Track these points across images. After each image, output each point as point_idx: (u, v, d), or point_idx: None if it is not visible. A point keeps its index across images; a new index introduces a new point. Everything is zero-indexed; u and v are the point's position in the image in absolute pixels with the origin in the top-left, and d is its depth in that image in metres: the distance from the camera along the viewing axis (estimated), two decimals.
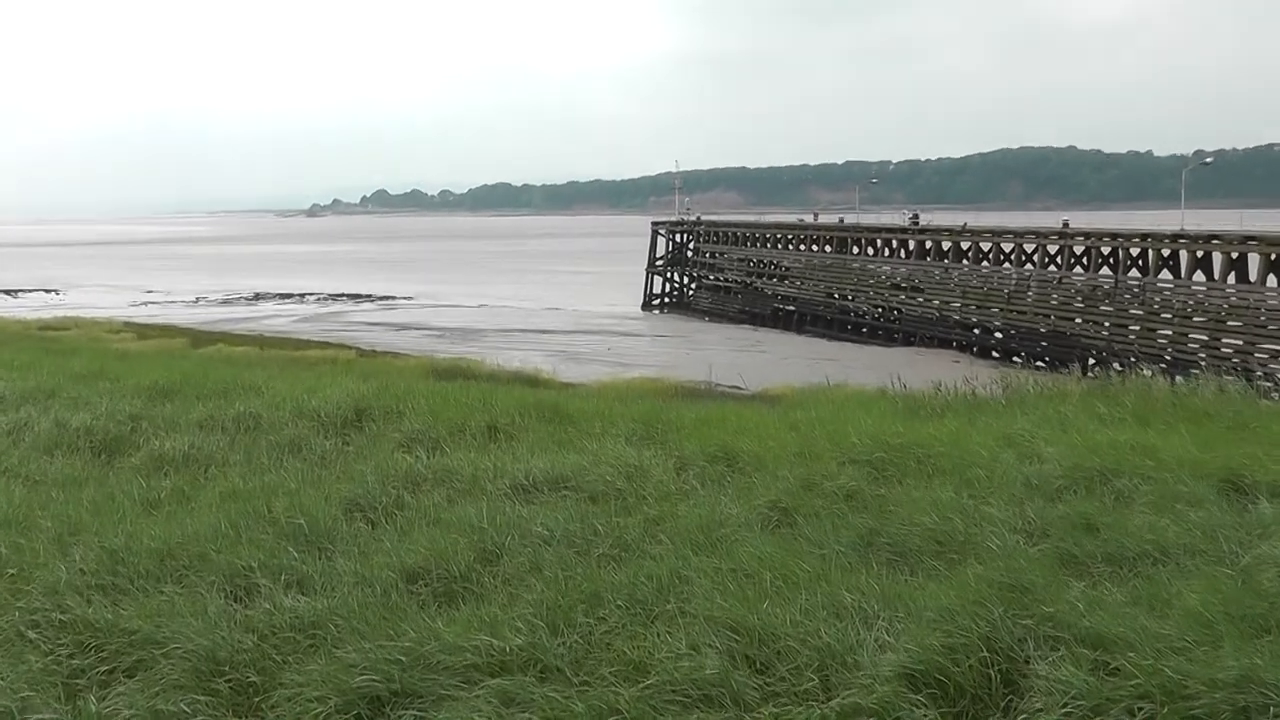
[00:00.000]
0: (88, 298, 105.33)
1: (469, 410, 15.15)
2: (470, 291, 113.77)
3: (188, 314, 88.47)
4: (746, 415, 16.15)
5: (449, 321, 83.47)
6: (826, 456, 12.24)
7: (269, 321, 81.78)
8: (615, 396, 20.43)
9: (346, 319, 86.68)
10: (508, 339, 71.56)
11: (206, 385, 18.13)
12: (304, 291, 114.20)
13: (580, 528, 9.69)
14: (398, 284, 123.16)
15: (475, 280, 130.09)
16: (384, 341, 65.64)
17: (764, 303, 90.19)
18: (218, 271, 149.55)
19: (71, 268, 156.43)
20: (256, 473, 12.22)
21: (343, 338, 65.84)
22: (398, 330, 76.91)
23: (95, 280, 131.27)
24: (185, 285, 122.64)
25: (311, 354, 41.41)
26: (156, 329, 60.81)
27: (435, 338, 71.50)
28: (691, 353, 65.29)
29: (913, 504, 10.21)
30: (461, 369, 35.39)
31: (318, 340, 60.21)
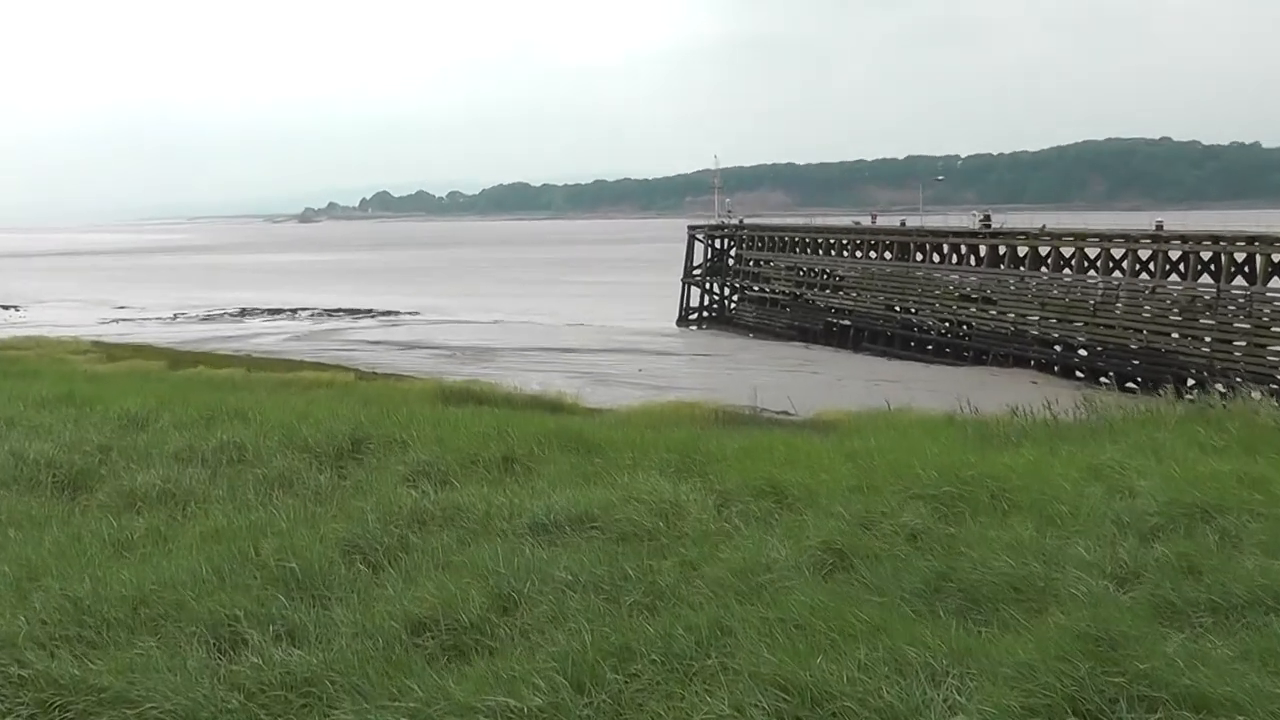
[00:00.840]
0: (51, 314, 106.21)
1: (482, 439, 15.15)
2: (483, 305, 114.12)
3: (164, 332, 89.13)
4: (796, 444, 16.07)
5: (459, 339, 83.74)
6: (887, 491, 12.17)
7: (257, 340, 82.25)
8: (648, 423, 20.40)
9: (344, 337, 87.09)
10: (526, 359, 71.69)
11: (185, 412, 18.19)
12: (296, 306, 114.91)
13: (608, 572, 9.66)
14: (401, 297, 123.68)
15: (488, 293, 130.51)
16: (386, 362, 65.86)
17: (815, 317, 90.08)
18: (199, 284, 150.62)
19: (34, 281, 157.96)
20: (242, 510, 12.24)
21: (340, 358, 66.14)
22: (401, 349, 77.19)
23: (60, 295, 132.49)
24: (162, 300, 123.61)
25: (304, 376, 41.62)
26: (129, 349, 61.28)
27: (444, 358, 71.70)
28: (733, 374, 65.19)
29: (986, 545, 10.13)
30: (473, 393, 35.45)
31: (311, 361, 60.52)
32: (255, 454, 14.78)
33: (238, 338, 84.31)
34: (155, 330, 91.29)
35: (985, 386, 54.70)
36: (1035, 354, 70.13)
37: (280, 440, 15.34)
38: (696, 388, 56.17)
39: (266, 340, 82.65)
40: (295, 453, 14.76)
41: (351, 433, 15.57)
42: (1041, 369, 68.43)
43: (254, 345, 76.73)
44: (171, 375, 38.72)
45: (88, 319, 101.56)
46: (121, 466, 14.34)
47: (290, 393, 27.94)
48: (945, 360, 74.62)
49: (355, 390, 32.57)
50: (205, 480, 13.62)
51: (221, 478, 13.78)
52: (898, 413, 25.50)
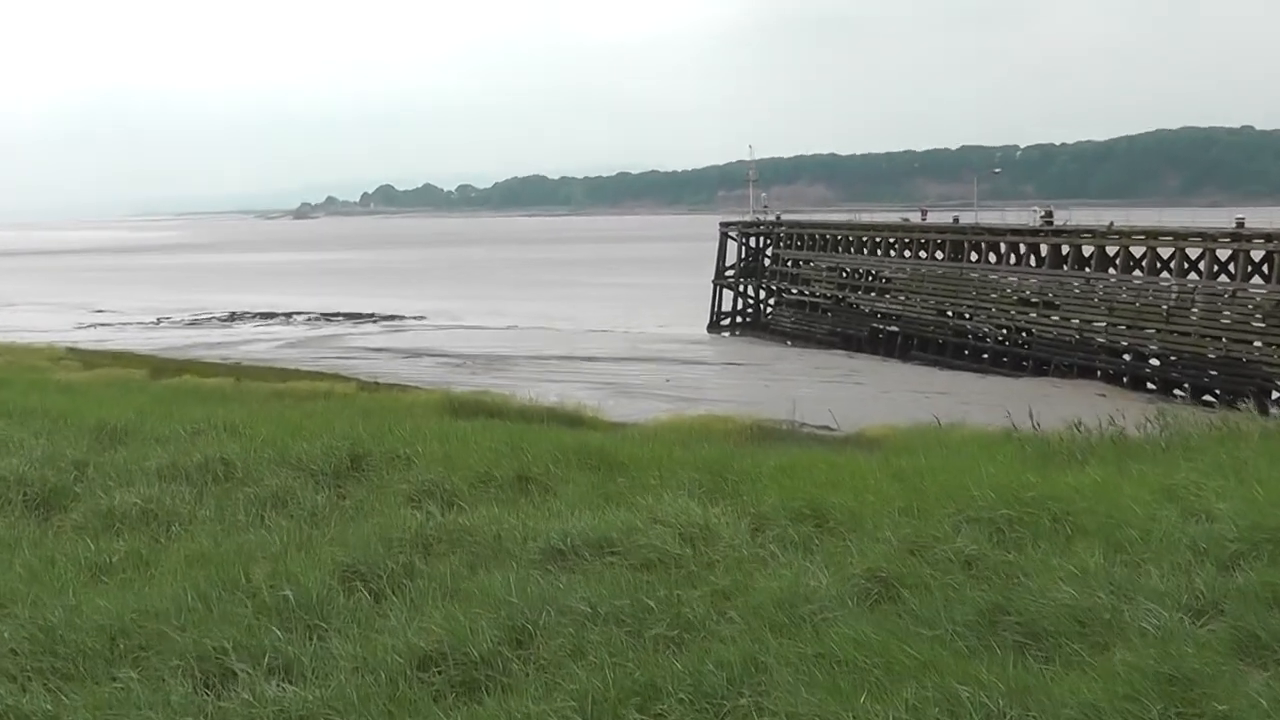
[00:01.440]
0: (23, 318, 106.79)
1: (494, 456, 15.16)
2: (495, 309, 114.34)
3: (147, 338, 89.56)
4: (839, 463, 16.05)
5: (469, 346, 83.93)
6: (939, 514, 12.14)
7: (247, 347, 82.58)
8: (676, 439, 20.38)
9: (343, 343, 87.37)
10: (542, 368, 71.80)
11: (169, 425, 18.25)
12: (290, 310, 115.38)
13: (631, 603, 9.64)
14: (406, 300, 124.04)
15: (502, 295, 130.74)
16: (389, 371, 66.04)
17: (860, 322, 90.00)
18: (185, 286, 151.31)
19: (5, 282, 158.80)
20: (231, 532, 12.27)
21: (338, 367, 66.32)
22: (406, 357, 77.40)
23: (34, 297, 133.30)
24: (145, 302, 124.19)
25: (300, 386, 41.69)
26: (107, 356, 61.47)
27: (452, 366, 71.89)
28: (770, 385, 65.17)
29: (1047, 573, 10.09)
30: (485, 405, 35.46)
31: (308, 370, 60.66)
32: (245, 471, 14.82)
33: (226, 344, 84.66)
34: (136, 336, 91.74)
35: (1047, 399, 54.50)
36: (1102, 364, 69.87)
37: (273, 456, 15.38)
38: (729, 400, 56.16)
39: (258, 347, 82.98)
40: (289, 470, 14.80)
41: (351, 448, 15.60)
42: (1109, 380, 68.20)
43: (244, 352, 77.05)
44: (154, 385, 38.83)
45: (63, 323, 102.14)
46: (98, 484, 14.39)
47: (284, 404, 27.99)
48: (1002, 371, 74.41)
49: (355, 402, 32.62)
50: (190, 500, 13.66)
51: (208, 497, 13.82)
52: (950, 428, 25.41)
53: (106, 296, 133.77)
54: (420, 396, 39.74)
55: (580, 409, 37.44)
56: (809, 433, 34.61)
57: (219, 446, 16.05)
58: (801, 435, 31.84)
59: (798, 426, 36.13)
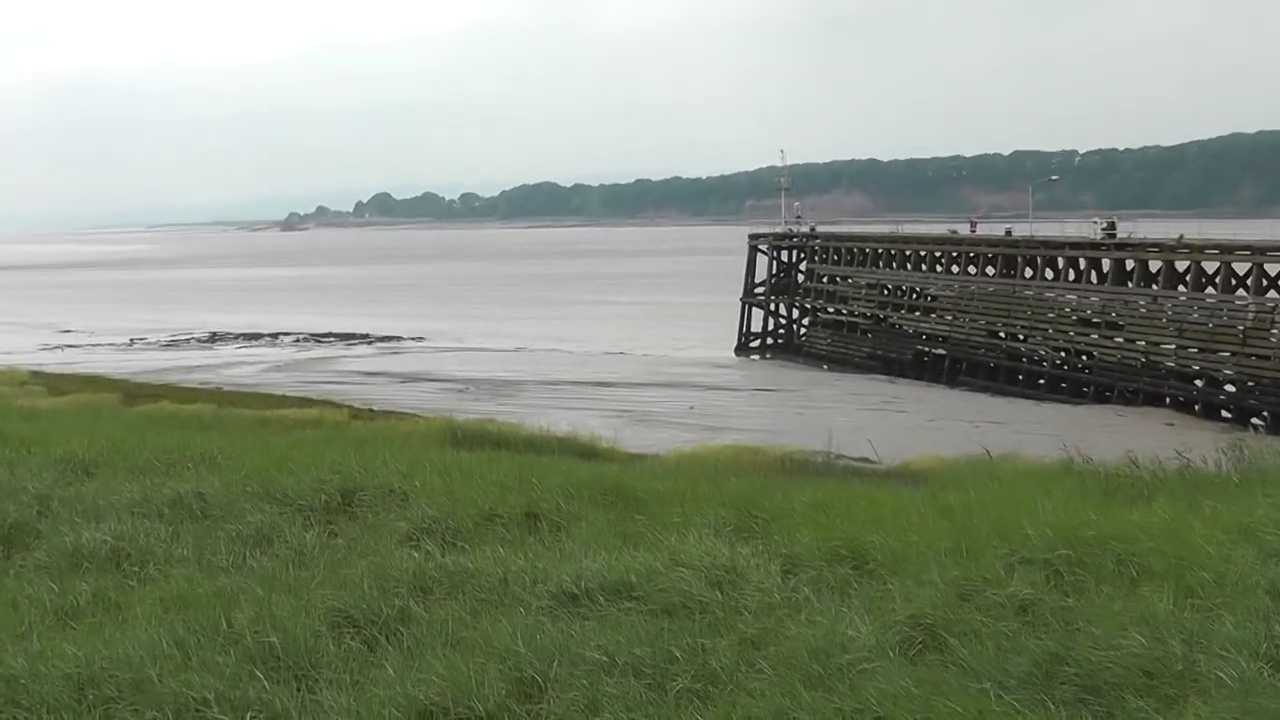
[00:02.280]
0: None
1: (500, 491, 15.18)
2: (501, 329, 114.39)
3: (119, 360, 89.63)
4: (880, 498, 16.03)
5: (473, 370, 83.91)
6: (990, 555, 12.11)
7: (230, 371, 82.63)
8: (700, 472, 20.37)
9: (334, 367, 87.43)
10: (554, 394, 71.76)
11: (142, 455, 18.32)
12: (277, 330, 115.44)
13: (652, 652, 9.64)
14: (403, 320, 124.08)
15: (508, 314, 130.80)
16: (385, 397, 66.04)
17: (903, 344, 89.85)
18: (160, 304, 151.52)
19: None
20: (210, 574, 12.30)
21: (329, 392, 66.32)
22: (403, 382, 77.39)
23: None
24: (116, 322, 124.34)
25: (287, 414, 41.71)
26: (75, 380, 61.53)
27: (455, 392, 71.85)
28: (804, 413, 65.06)
29: (1111, 620, 10.06)
30: (490, 434, 35.42)
31: (295, 396, 60.67)
32: (226, 507, 14.86)
33: (206, 367, 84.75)
34: (107, 358, 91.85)
35: (1110, 429, 54.33)
36: (1171, 390, 69.61)
37: (256, 490, 15.43)
38: (758, 429, 56.04)
39: (241, 371, 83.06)
40: (275, 506, 14.84)
41: (342, 482, 15.64)
42: (1179, 408, 67.90)
43: (226, 376, 77.12)
44: (126, 412, 38.87)
45: (26, 344, 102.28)
46: (64, 520, 14.45)
47: (269, 433, 28.05)
48: (1060, 398, 74.15)
49: (347, 431, 32.65)
50: (166, 538, 13.70)
51: (185, 535, 13.86)
52: (1003, 460, 25.35)
53: (74, 315, 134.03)
54: (419, 425, 39.70)
55: (595, 439, 37.40)
56: (847, 465, 34.52)
57: (197, 479, 16.11)
58: (838, 468, 31.77)
59: (834, 459, 36.02)
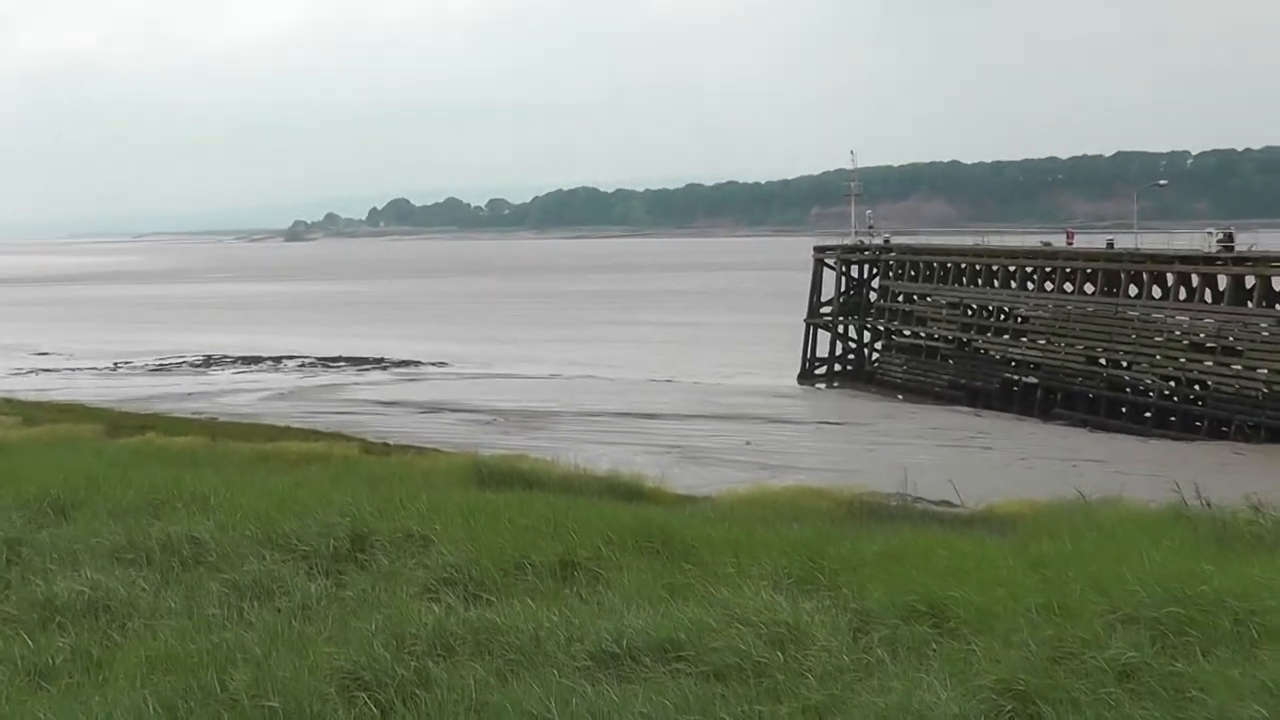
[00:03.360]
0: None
1: (531, 536, 15.17)
2: (533, 354, 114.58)
3: (101, 387, 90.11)
4: (962, 547, 15.96)
5: (502, 399, 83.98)
6: (1088, 612, 12.04)
7: (226, 399, 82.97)
8: (758, 517, 20.33)
9: (345, 395, 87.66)
10: (592, 426, 71.76)
11: (126, 494, 18.36)
12: (280, 353, 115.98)
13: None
14: (424, 342, 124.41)
15: (542, 337, 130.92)
16: (402, 429, 66.19)
17: (989, 371, 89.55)
18: (148, 323, 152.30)
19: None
20: (202, 629, 12.29)
21: (339, 424, 66.49)
22: (423, 413, 77.56)
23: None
24: (98, 344, 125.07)
25: (290, 448, 41.81)
26: (52, 409, 61.72)
27: (480, 424, 71.95)
28: (876, 449, 64.90)
29: (1227, 687, 9.98)
30: (521, 472, 35.44)
31: (301, 428, 60.85)
32: (221, 553, 14.89)
33: (200, 395, 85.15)
34: (88, 384, 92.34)
35: (1226, 469, 53.96)
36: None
37: (255, 535, 15.46)
38: (824, 468, 55.87)
39: (239, 399, 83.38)
40: (276, 552, 14.86)
41: (353, 526, 15.66)
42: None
43: (222, 405, 77.42)
44: (109, 445, 39.02)
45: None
46: (37, 568, 14.48)
47: (270, 470, 28.12)
48: (1169, 433, 73.73)
49: (359, 468, 32.71)
50: (152, 588, 13.73)
51: (175, 584, 13.89)
52: (1103, 505, 25.22)
53: (51, 336, 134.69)
54: (440, 461, 39.79)
55: (639, 478, 37.40)
56: (925, 509, 34.43)
57: (189, 522, 16.14)
58: (915, 512, 31.68)
59: (910, 501, 35.94)
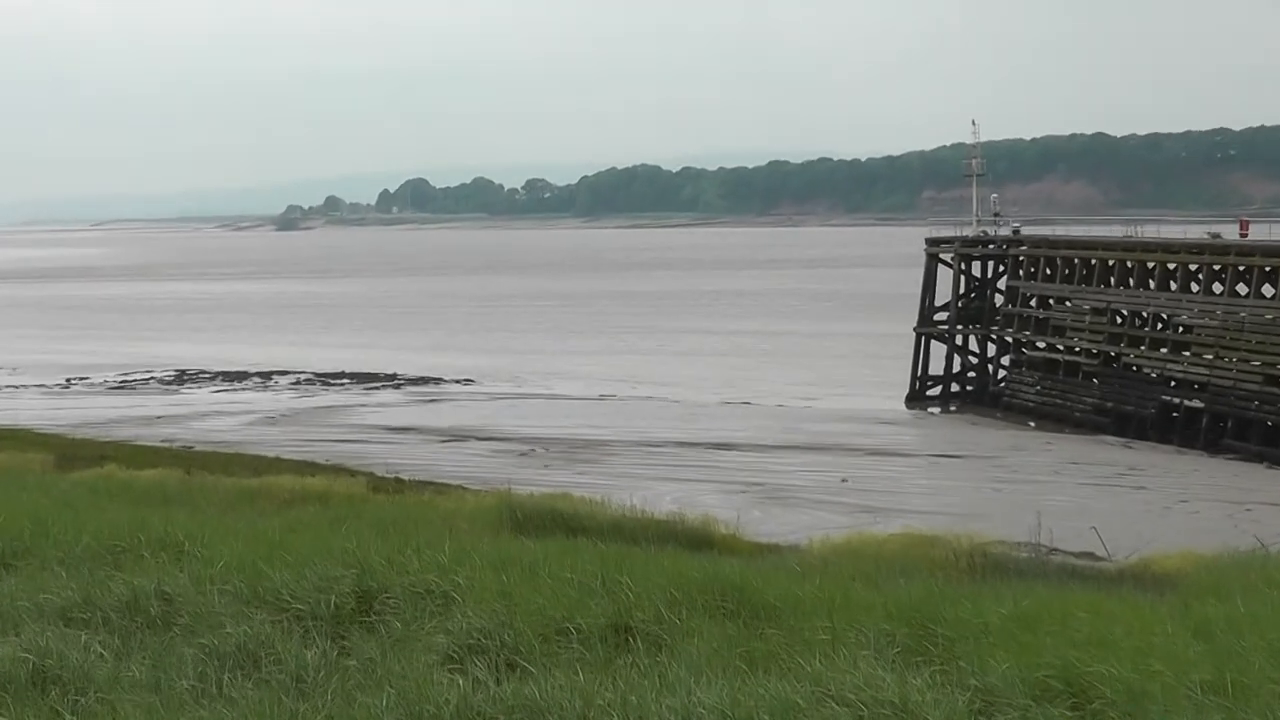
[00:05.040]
0: None
1: (577, 594, 15.16)
2: (580, 369, 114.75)
3: (51, 408, 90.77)
4: (1109, 610, 15.88)
5: (541, 425, 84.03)
6: (1266, 692, 11.94)
7: (204, 424, 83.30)
8: (857, 571, 20.28)
9: (349, 419, 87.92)
10: (651, 459, 71.77)
11: (81, 540, 18.44)
12: (269, 368, 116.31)
13: None
14: (445, 354, 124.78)
15: (589, 348, 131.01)
16: (419, 461, 66.35)
17: (1143, 393, 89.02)
18: (110, 330, 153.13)
19: None
20: (173, 707, 12.31)
21: (342, 454, 66.68)
22: (444, 441, 77.69)
23: None
24: (47, 355, 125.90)
25: (282, 484, 41.94)
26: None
27: (515, 456, 72.09)
28: (1003, 488, 64.70)
29: None
30: (564, 515, 35.45)
31: (294, 458, 61.09)
32: (196, 613, 14.93)
33: (172, 418, 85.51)
34: (34, 405, 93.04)
35: None
36: None
37: (239, 590, 15.50)
38: (939, 511, 55.78)
39: (220, 424, 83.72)
40: (264, 611, 14.90)
41: (358, 580, 15.69)
42: None
43: (198, 431, 77.81)
44: (59, 480, 39.16)
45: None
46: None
47: (258, 511, 28.22)
48: None
49: (366, 508, 32.75)
50: (111, 655, 13.76)
51: (139, 651, 13.92)
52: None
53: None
54: (465, 502, 39.89)
55: (709, 523, 37.44)
56: (1062, 563, 34.33)
57: (158, 573, 16.20)
58: (1051, 567, 31.59)
59: (1045, 553, 35.87)
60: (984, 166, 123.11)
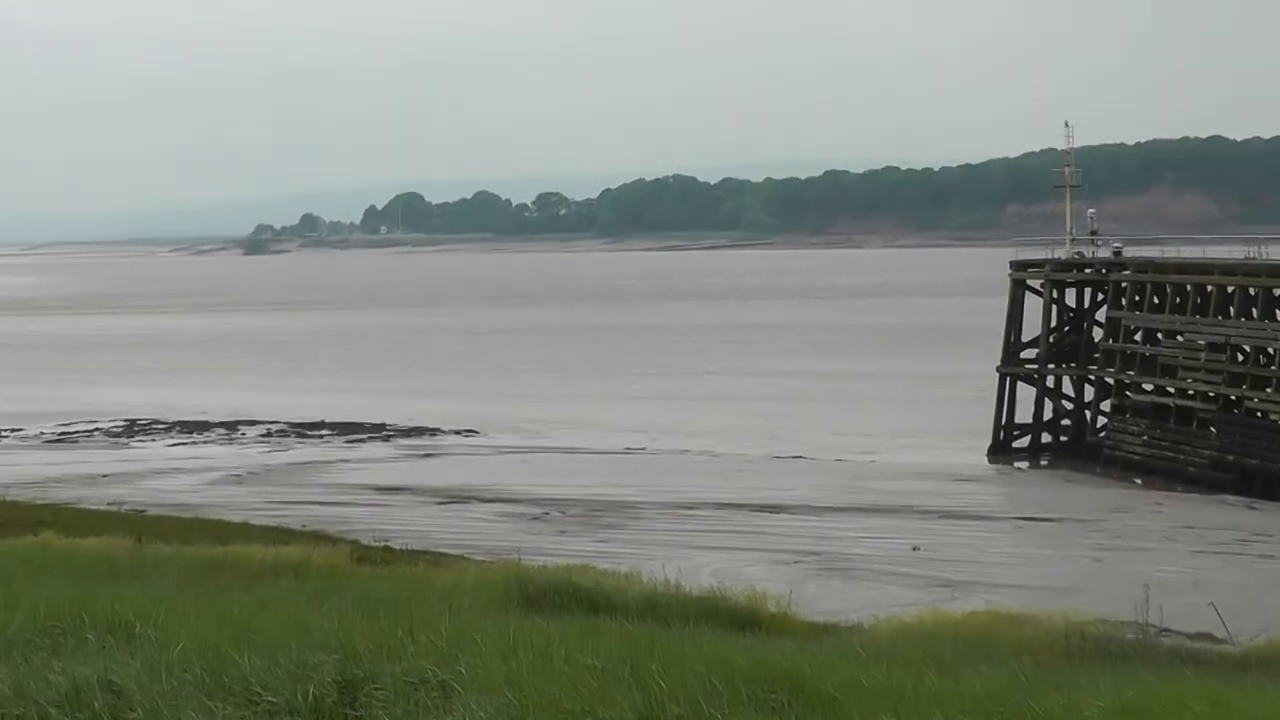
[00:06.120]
0: None
1: (600, 683, 15.20)
2: (601, 416, 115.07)
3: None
4: (1230, 702, 15.90)
5: (556, 483, 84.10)
6: None
7: (158, 483, 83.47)
8: (931, 655, 20.32)
9: (329, 477, 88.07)
10: (687, 523, 71.86)
11: (12, 622, 18.52)
12: (234, 417, 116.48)
13: None
14: (441, 399, 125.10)
15: (612, 390, 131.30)
16: (412, 527, 66.48)
17: (1269, 445, 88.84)
18: (45, 373, 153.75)
19: None
20: None
21: (321, 519, 66.81)
22: (442, 503, 77.79)
23: None
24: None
25: (251, 554, 42.03)
26: None
27: (527, 520, 72.17)
28: (1104, 557, 64.68)
29: None
30: (584, 591, 35.51)
31: (265, 524, 61.24)
32: (150, 707, 14.99)
33: (120, 476, 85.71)
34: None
35: None
36: None
37: (201, 680, 15.56)
38: (1028, 584, 55.79)
39: (177, 482, 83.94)
40: (229, 704, 14.96)
41: (341, 667, 15.75)
42: None
43: (152, 492, 77.94)
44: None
45: None
46: None
47: (222, 585, 28.32)
48: None
49: (350, 583, 32.89)
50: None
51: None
52: None
53: None
54: (468, 575, 40.03)
55: (755, 599, 37.52)
56: (1175, 646, 34.31)
57: (104, 661, 16.27)
58: (1161, 651, 31.61)
59: (1153, 634, 35.87)
60: (1079, 176, 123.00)
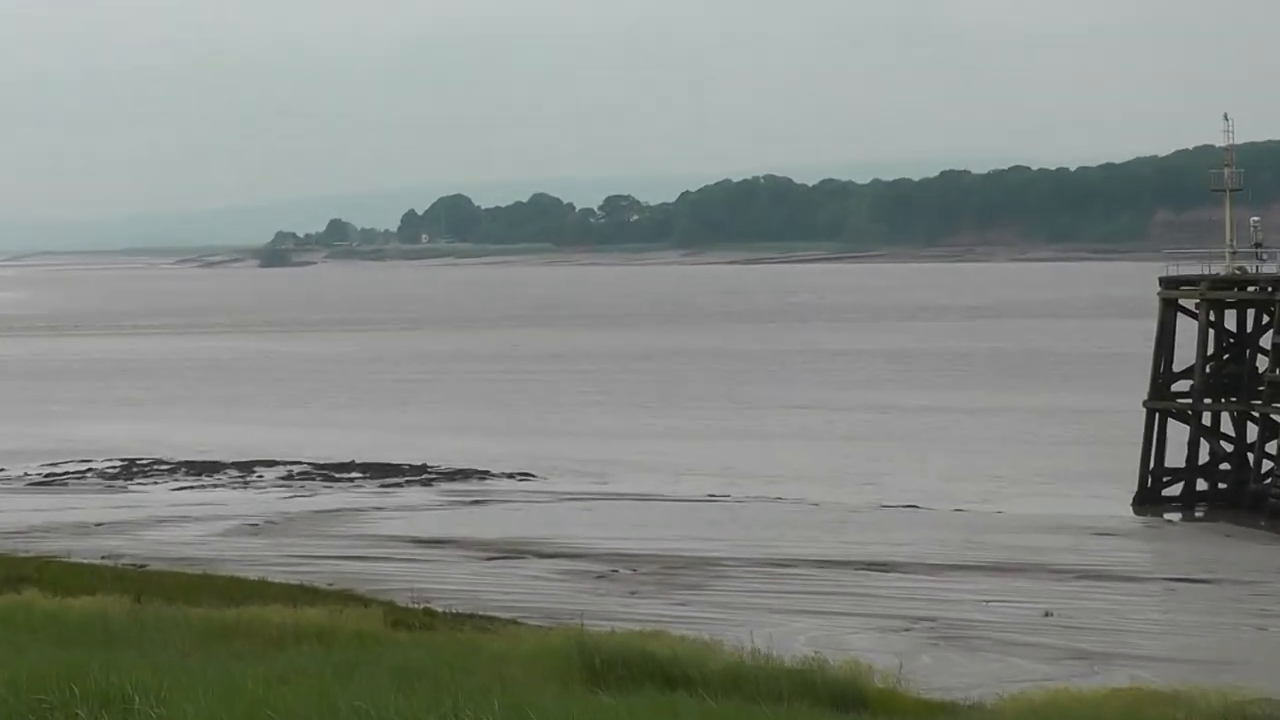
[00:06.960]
0: None
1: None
2: (679, 458, 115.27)
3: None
4: None
5: (627, 537, 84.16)
6: None
7: (160, 533, 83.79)
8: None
9: (360, 528, 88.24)
10: (778, 584, 71.83)
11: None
12: (250, 457, 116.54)
13: None
14: (491, 438, 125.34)
15: (690, 428, 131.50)
16: (456, 585, 66.61)
17: None
18: (28, 404, 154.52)
19: None
20: None
21: (351, 576, 67.01)
22: (490, 559, 77.92)
23: None
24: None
25: (268, 616, 42.11)
26: None
27: (591, 579, 72.20)
28: (1269, 626, 64.47)
29: None
30: (658, 662, 35.52)
31: (285, 581, 61.31)
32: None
33: (117, 526, 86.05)
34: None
35: None
36: None
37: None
38: (1180, 657, 55.65)
39: (183, 532, 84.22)
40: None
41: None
42: None
43: (153, 544, 78.25)
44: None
45: None
46: None
47: (235, 654, 28.35)
48: None
49: (385, 651, 32.92)
50: None
51: None
52: None
53: None
54: (522, 642, 40.11)
55: (859, 673, 37.54)
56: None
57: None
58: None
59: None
60: (1241, 178, 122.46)
